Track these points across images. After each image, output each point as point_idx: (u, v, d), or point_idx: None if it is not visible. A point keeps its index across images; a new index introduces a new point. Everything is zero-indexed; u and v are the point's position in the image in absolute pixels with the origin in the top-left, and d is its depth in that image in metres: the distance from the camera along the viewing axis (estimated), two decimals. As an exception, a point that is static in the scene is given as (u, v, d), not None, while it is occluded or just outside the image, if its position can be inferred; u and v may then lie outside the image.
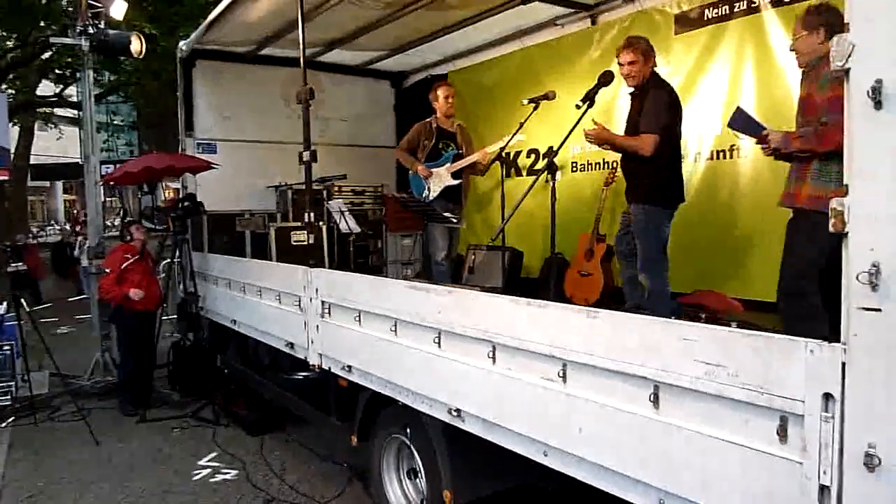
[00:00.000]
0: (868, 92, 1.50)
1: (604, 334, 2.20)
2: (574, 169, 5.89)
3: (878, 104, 1.49)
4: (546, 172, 3.39)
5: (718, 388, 1.83)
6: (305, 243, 6.03)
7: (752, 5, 4.54)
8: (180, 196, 6.97)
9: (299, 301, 4.26)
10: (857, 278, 1.52)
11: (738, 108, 3.52)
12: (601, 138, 4.04)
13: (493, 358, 2.67)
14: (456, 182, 5.42)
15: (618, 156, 4.60)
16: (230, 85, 7.06)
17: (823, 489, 1.61)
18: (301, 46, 4.37)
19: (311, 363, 4.21)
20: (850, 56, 1.54)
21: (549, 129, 5.71)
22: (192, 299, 6.34)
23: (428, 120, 5.65)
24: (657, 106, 3.94)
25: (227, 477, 4.74)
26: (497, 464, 2.93)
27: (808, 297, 3.03)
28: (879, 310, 1.50)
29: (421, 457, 3.44)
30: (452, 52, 7.18)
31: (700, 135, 4.88)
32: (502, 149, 4.73)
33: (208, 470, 4.88)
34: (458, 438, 3.03)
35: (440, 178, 5.41)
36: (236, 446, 5.31)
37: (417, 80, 7.92)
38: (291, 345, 4.48)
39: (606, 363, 2.17)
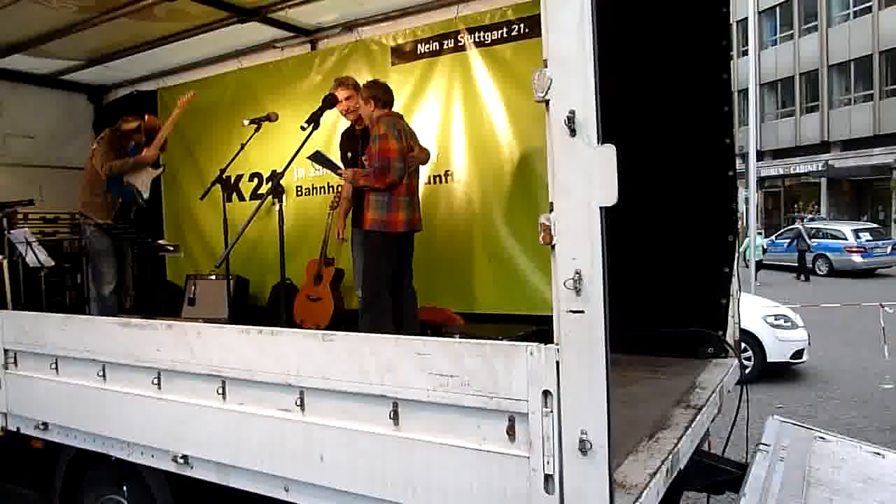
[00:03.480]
0: (564, 121, 1.70)
1: (340, 357, 2.17)
2: (300, 193, 5.83)
3: (572, 132, 1.70)
4: (272, 196, 3.29)
5: (453, 397, 1.92)
6: (-22, 283, 5.06)
7: (459, 44, 4.97)
8: None
9: (-27, 351, 3.52)
10: (563, 285, 1.71)
11: (317, 150, 4.30)
12: None
13: (223, 394, 2.48)
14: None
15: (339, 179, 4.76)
16: None
17: (548, 478, 1.76)
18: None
19: (-8, 425, 3.50)
20: (548, 89, 1.73)
21: (272, 153, 5.58)
22: None
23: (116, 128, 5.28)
24: None
25: None
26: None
27: (381, 297, 4.22)
28: (583, 311, 1.70)
29: (141, 516, 3.05)
30: (162, 68, 6.63)
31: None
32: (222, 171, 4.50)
33: None
34: (187, 488, 2.75)
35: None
36: None
37: (121, 96, 7.17)
38: (-37, 405, 3.67)
39: (345, 386, 2.15)
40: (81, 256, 6.45)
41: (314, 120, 3.52)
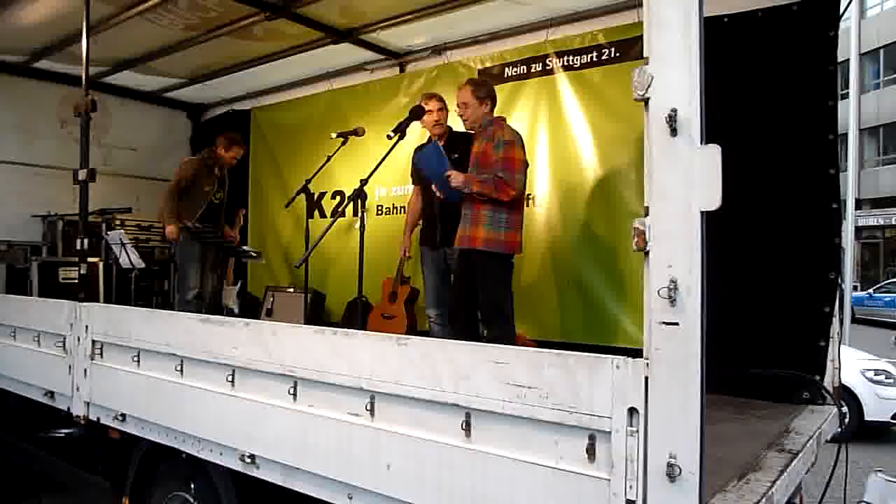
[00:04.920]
0: (665, 119, 1.60)
1: (414, 362, 2.10)
2: (379, 212, 5.88)
3: (673, 131, 1.60)
4: (356, 200, 3.29)
5: (530, 410, 1.81)
6: (76, 282, 5.32)
7: (547, 68, 4.93)
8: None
9: (64, 341, 3.66)
10: (657, 293, 1.59)
11: (434, 143, 3.92)
12: None
13: (294, 395, 2.45)
14: None
15: None
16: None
17: (629, 504, 1.62)
18: (84, 51, 3.90)
19: (75, 414, 3.61)
20: (649, 86, 1.64)
21: (355, 172, 5.64)
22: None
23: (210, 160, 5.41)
24: None
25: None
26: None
27: (503, 321, 3.74)
28: (677, 324, 1.57)
29: (206, 514, 3.05)
30: (257, 88, 6.92)
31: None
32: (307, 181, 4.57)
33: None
34: (252, 489, 2.73)
35: None
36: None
37: (218, 114, 7.51)
38: (51, 394, 3.82)
39: (417, 392, 2.07)
40: (170, 263, 6.73)
41: (401, 130, 3.51)
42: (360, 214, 3.28)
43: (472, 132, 4.04)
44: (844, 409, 7.13)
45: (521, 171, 3.78)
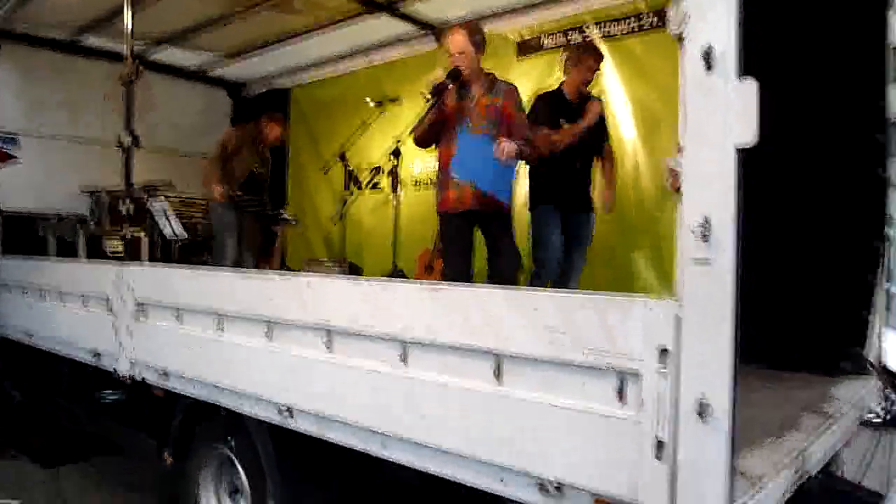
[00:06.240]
0: (700, 55, 1.58)
1: (447, 309, 2.12)
2: (417, 186, 5.90)
3: (708, 67, 1.57)
4: (393, 159, 3.30)
5: (560, 353, 1.81)
6: (121, 253, 5.47)
7: (585, 37, 4.87)
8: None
9: (109, 303, 3.79)
10: (690, 230, 1.57)
11: None
12: None
13: (329, 346, 2.49)
14: None
15: None
16: (42, 74, 6.31)
17: (660, 444, 1.62)
18: (128, 20, 4.00)
19: (120, 373, 3.73)
20: (682, 22, 1.62)
21: (391, 145, 5.69)
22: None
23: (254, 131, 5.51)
24: None
25: (7, 514, 4.04)
26: (330, 468, 2.75)
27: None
28: (709, 261, 1.56)
29: (244, 469, 3.14)
30: (296, 65, 6.99)
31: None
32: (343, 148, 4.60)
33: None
34: (288, 443, 2.80)
35: None
36: (21, 481, 4.54)
37: (258, 93, 7.63)
38: (98, 354, 3.95)
39: (450, 340, 2.09)
40: (209, 239, 6.87)
41: (438, 91, 3.48)
42: (394, 174, 3.30)
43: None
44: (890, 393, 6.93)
45: None
